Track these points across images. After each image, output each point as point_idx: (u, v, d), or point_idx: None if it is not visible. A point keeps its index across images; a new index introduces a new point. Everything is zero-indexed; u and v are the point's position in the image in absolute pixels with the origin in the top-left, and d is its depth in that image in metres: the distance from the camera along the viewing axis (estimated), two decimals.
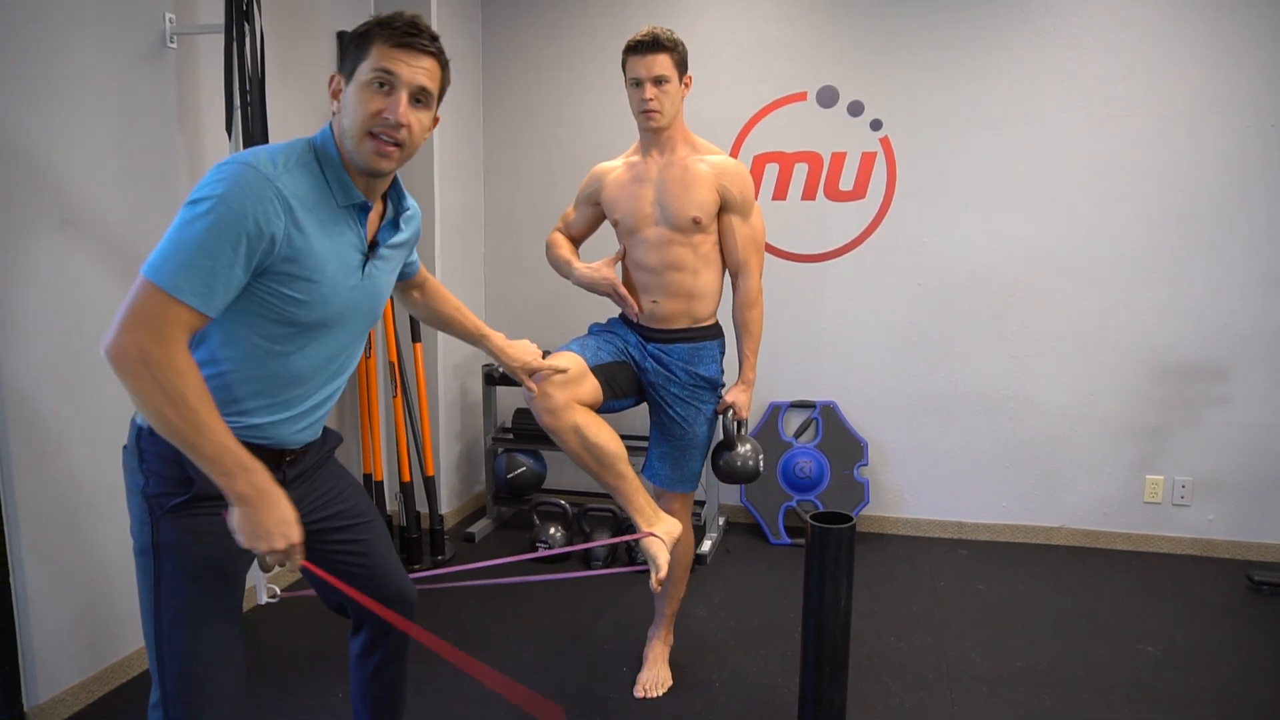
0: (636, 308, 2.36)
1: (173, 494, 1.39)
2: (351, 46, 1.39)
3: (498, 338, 1.95)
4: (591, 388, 2.23)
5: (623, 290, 2.36)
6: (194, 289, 1.24)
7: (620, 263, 2.43)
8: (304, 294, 1.37)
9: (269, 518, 1.29)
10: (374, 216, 1.50)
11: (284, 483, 1.49)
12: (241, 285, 1.30)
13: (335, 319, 1.45)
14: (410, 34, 1.37)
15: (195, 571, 1.42)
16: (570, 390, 2.15)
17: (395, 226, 1.54)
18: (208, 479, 1.37)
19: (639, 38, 2.21)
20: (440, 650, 1.41)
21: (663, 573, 2.10)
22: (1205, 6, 3.31)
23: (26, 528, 2.20)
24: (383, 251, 1.51)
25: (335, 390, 1.55)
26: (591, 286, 2.38)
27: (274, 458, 1.48)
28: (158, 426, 1.25)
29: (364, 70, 1.37)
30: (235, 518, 1.29)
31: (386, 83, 1.37)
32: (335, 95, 1.41)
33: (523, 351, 2.01)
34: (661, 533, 2.18)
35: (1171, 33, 3.35)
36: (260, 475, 1.29)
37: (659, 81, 2.20)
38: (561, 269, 2.46)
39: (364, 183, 1.44)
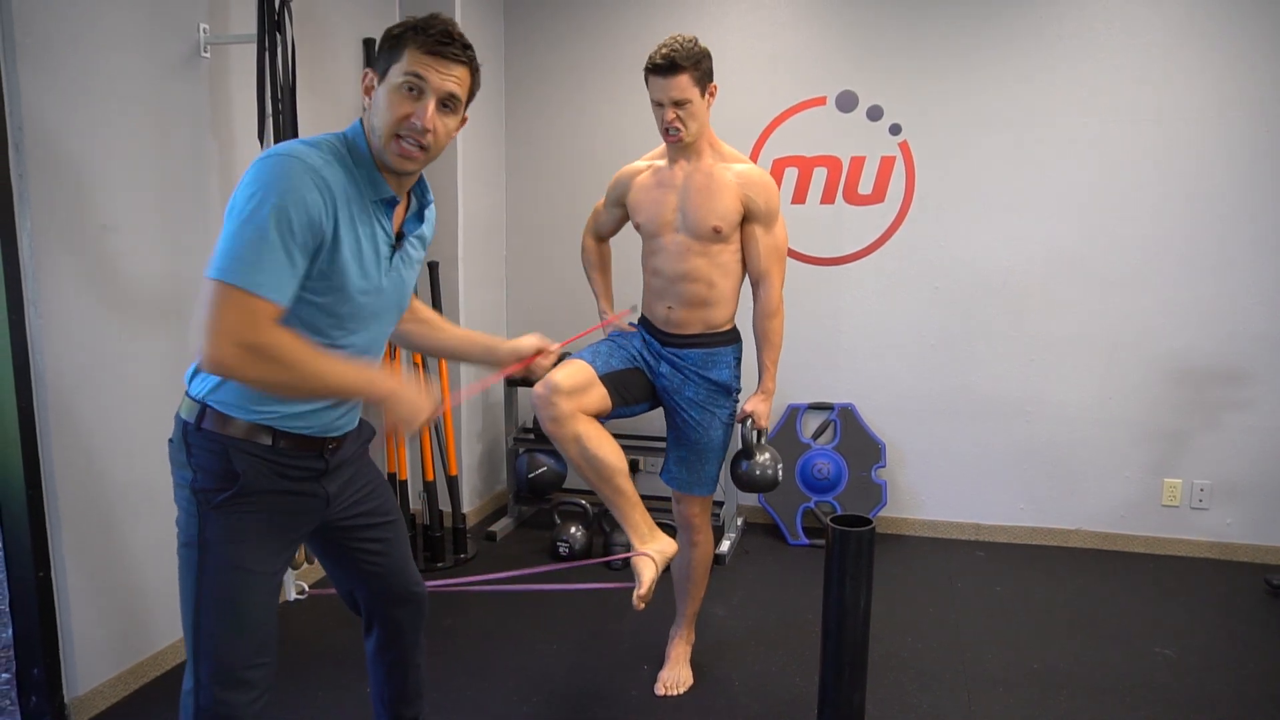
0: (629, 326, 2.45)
1: (219, 489, 1.44)
2: (385, 46, 1.42)
3: (507, 343, 1.84)
4: (599, 397, 2.23)
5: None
6: (269, 283, 1.28)
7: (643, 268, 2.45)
8: (341, 283, 1.41)
9: (412, 402, 1.43)
10: (399, 209, 1.54)
11: (326, 470, 1.55)
12: (304, 274, 1.34)
13: (370, 310, 1.49)
14: (444, 42, 1.40)
15: (237, 569, 1.47)
16: (576, 400, 2.15)
17: (420, 218, 1.58)
18: (255, 472, 1.44)
19: (656, 60, 2.13)
20: None
21: (644, 590, 2.06)
22: (1220, 14, 3.31)
23: (67, 526, 2.27)
24: (409, 242, 1.55)
25: None
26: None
27: (317, 446, 1.54)
28: (288, 395, 1.35)
29: (395, 73, 1.39)
30: (387, 418, 1.42)
31: (416, 87, 1.39)
32: (367, 92, 1.44)
33: (523, 342, 1.85)
34: (654, 551, 2.13)
35: (1187, 38, 3.35)
36: (388, 375, 1.42)
37: (679, 104, 2.16)
38: (594, 289, 2.63)
39: (393, 179, 1.47)
